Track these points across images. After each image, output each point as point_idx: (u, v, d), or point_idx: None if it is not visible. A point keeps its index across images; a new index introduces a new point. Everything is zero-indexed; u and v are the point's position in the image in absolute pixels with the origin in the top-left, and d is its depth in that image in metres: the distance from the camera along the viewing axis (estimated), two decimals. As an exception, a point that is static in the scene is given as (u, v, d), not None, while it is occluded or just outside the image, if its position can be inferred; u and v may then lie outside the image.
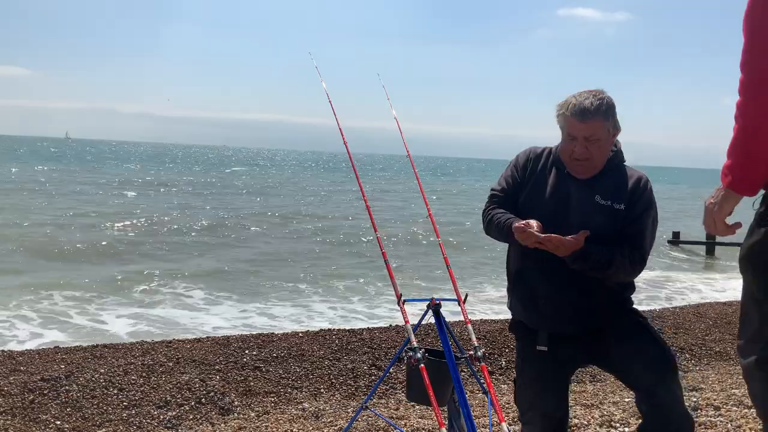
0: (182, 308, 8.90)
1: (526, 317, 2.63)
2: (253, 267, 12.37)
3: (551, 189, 2.54)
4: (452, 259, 3.25)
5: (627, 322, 2.55)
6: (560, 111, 2.48)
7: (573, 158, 2.49)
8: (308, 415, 4.33)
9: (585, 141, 2.43)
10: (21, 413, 4.22)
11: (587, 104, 2.40)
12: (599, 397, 4.59)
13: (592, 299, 2.50)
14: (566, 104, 2.46)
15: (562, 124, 2.49)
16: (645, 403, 2.41)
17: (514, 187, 2.63)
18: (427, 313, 2.98)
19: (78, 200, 23.66)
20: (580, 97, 2.44)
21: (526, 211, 2.54)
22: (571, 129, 2.44)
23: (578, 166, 2.50)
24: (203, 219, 19.14)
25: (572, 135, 2.45)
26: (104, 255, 12.95)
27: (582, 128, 2.42)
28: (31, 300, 8.79)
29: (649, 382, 2.38)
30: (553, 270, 2.48)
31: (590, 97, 2.42)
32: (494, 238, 2.66)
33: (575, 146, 2.46)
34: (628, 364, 2.47)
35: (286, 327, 7.82)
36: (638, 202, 2.50)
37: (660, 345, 2.51)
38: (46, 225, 16.45)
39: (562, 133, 2.53)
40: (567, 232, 2.38)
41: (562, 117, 2.47)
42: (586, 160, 2.47)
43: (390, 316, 8.09)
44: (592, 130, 2.42)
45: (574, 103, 2.43)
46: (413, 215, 22.70)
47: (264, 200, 27.95)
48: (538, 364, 2.61)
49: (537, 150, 2.67)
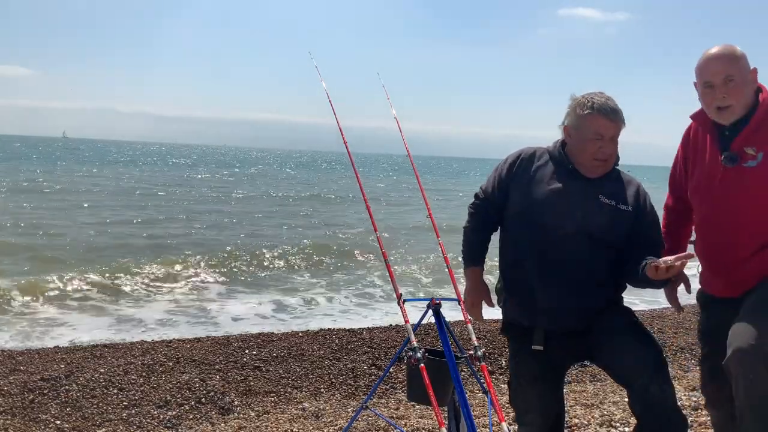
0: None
1: (521, 314, 2.63)
2: (250, 264, 12.37)
3: (552, 183, 2.55)
4: (452, 258, 3.24)
5: (619, 320, 2.56)
6: (583, 110, 2.45)
7: (595, 158, 2.48)
8: (308, 414, 4.33)
9: (610, 140, 2.46)
10: (21, 413, 4.22)
11: (613, 105, 2.44)
12: (599, 397, 4.59)
13: (587, 295, 2.51)
14: (588, 103, 2.45)
15: (584, 123, 2.46)
16: (638, 403, 2.42)
17: (499, 192, 2.65)
18: (427, 313, 2.98)
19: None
20: (599, 98, 2.45)
21: (524, 206, 2.55)
22: (600, 128, 2.43)
23: (599, 166, 2.51)
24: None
25: (600, 134, 2.44)
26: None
27: (612, 127, 2.45)
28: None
29: (641, 379, 2.39)
30: (549, 266, 2.50)
31: (609, 98, 2.46)
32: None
33: (601, 145, 2.45)
34: (620, 360, 2.48)
35: (285, 327, 7.81)
36: (646, 206, 2.56)
37: (651, 343, 2.53)
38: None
39: (577, 132, 2.49)
40: (568, 225, 2.45)
41: (587, 117, 2.44)
42: (605, 160, 2.48)
43: (390, 316, 8.08)
44: (618, 129, 2.46)
45: (599, 102, 2.43)
46: (413, 215, 22.69)
47: (264, 198, 27.98)
48: (533, 365, 2.61)
49: (529, 150, 2.68)
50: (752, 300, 2.31)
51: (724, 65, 2.36)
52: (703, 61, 2.42)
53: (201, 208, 22.75)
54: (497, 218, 2.69)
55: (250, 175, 49.54)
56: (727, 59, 2.37)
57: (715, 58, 2.38)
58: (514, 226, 2.62)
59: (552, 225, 2.49)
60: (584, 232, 2.47)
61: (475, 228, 2.74)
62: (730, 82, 2.35)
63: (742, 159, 2.38)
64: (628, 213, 2.51)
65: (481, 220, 2.72)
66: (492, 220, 2.71)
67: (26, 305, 8.40)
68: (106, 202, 22.49)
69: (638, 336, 2.51)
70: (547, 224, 2.49)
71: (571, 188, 2.51)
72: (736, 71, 2.36)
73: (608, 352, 2.51)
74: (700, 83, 2.43)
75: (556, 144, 2.63)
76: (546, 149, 2.65)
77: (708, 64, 2.39)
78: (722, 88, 2.36)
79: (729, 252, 2.43)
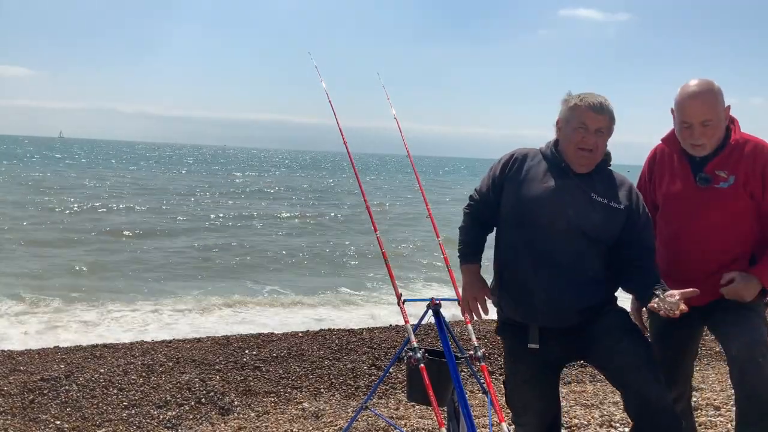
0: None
1: (517, 312, 2.63)
2: (252, 264, 12.39)
3: (544, 181, 2.57)
4: (452, 258, 3.24)
5: (613, 320, 2.56)
6: (571, 102, 2.54)
7: (579, 147, 2.52)
8: (308, 415, 4.33)
9: (595, 132, 2.50)
10: (21, 413, 4.22)
11: (601, 100, 2.52)
12: (599, 397, 4.59)
13: (581, 293, 2.52)
14: (578, 97, 2.54)
15: (572, 115, 2.53)
16: (632, 405, 2.42)
17: (493, 193, 2.67)
18: (427, 313, 2.98)
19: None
20: (591, 96, 2.54)
21: (518, 205, 2.56)
22: (585, 119, 2.50)
23: (582, 157, 2.53)
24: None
25: (585, 124, 2.50)
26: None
27: (596, 119, 2.49)
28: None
29: (634, 381, 2.39)
30: (542, 264, 2.51)
31: (600, 96, 2.54)
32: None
33: (584, 135, 2.50)
34: (613, 361, 2.48)
35: (285, 326, 7.81)
36: (639, 207, 2.58)
37: (644, 344, 2.54)
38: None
39: (566, 124, 2.55)
40: (561, 223, 2.47)
41: (574, 108, 2.52)
42: (590, 151, 2.51)
43: (390, 316, 8.08)
44: (603, 123, 2.51)
45: (588, 98, 2.52)
46: (413, 215, 22.70)
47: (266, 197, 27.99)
48: (529, 365, 2.62)
49: (523, 150, 2.70)
50: (734, 315, 2.53)
51: (702, 110, 2.53)
52: (682, 99, 2.58)
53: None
54: (492, 218, 2.70)
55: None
56: (706, 103, 2.53)
57: (695, 100, 2.54)
58: (508, 225, 2.63)
59: (545, 223, 2.50)
60: (577, 230, 2.49)
61: (469, 227, 2.75)
62: (707, 126, 2.54)
63: (714, 180, 2.60)
64: (620, 211, 2.53)
65: (475, 219, 2.74)
66: (486, 219, 2.72)
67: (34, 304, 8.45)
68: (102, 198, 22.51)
69: (632, 337, 2.51)
70: (540, 222, 2.51)
71: (563, 186, 2.53)
72: (714, 115, 2.53)
73: (602, 352, 2.52)
74: (678, 119, 2.61)
75: (549, 144, 2.66)
76: (539, 150, 2.68)
77: (688, 106, 2.56)
78: (699, 129, 2.54)
79: (699, 265, 2.63)
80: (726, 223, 2.60)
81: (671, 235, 2.70)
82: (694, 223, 2.65)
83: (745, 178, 2.57)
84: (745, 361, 2.40)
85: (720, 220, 2.60)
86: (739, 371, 2.43)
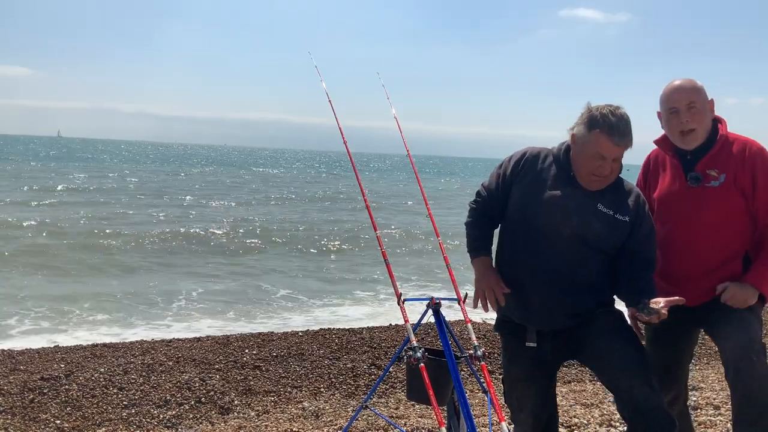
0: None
1: (514, 312, 2.63)
2: (253, 263, 12.39)
3: (552, 188, 2.54)
4: (452, 258, 3.25)
5: (608, 322, 2.56)
6: (591, 128, 2.43)
7: (594, 174, 2.48)
8: (308, 414, 4.33)
9: (612, 161, 2.46)
10: (21, 412, 4.22)
11: (623, 128, 2.42)
12: (599, 396, 4.59)
13: (578, 297, 2.52)
14: (599, 121, 2.42)
15: (590, 140, 2.44)
16: (625, 407, 2.43)
17: (501, 190, 2.65)
18: (427, 313, 2.98)
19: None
20: (613, 116, 2.41)
21: (523, 206, 2.55)
22: (603, 149, 2.42)
23: (596, 182, 2.50)
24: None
25: (602, 155, 2.43)
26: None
27: (615, 150, 2.44)
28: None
29: (626, 382, 2.40)
30: (542, 267, 2.51)
31: (622, 117, 2.43)
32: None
33: (601, 165, 2.45)
34: (606, 363, 2.49)
35: (284, 326, 7.82)
36: (644, 216, 2.56)
37: (637, 345, 2.54)
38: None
39: (582, 147, 2.48)
40: (564, 230, 2.46)
41: (594, 134, 2.42)
42: (603, 177, 2.48)
43: (390, 316, 8.08)
44: (622, 152, 2.46)
45: (610, 123, 2.40)
46: (413, 215, 22.69)
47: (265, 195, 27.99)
48: (525, 364, 2.64)
49: (535, 150, 2.67)
50: (728, 314, 2.55)
51: (687, 93, 2.65)
52: (667, 90, 2.70)
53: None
54: (498, 215, 2.68)
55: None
56: (689, 89, 2.66)
57: (679, 87, 2.68)
58: (512, 225, 2.63)
59: (548, 228, 2.50)
60: (579, 238, 2.48)
61: (475, 223, 2.74)
62: (692, 108, 2.63)
63: (705, 179, 2.65)
64: (625, 223, 2.51)
65: (482, 214, 2.72)
66: (492, 215, 2.70)
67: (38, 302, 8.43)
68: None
69: (623, 338, 2.51)
70: (544, 227, 2.50)
71: (570, 194, 2.51)
72: (698, 99, 2.64)
73: (595, 353, 2.53)
74: (665, 110, 2.69)
75: (561, 147, 2.60)
76: (551, 151, 2.63)
77: (672, 93, 2.68)
78: (686, 113, 2.63)
79: (692, 265, 2.65)
80: (718, 221, 2.62)
81: (665, 235, 2.71)
82: (686, 223, 2.67)
83: (735, 176, 2.60)
84: (740, 360, 2.41)
85: (712, 219, 2.63)
86: (733, 371, 2.44)
